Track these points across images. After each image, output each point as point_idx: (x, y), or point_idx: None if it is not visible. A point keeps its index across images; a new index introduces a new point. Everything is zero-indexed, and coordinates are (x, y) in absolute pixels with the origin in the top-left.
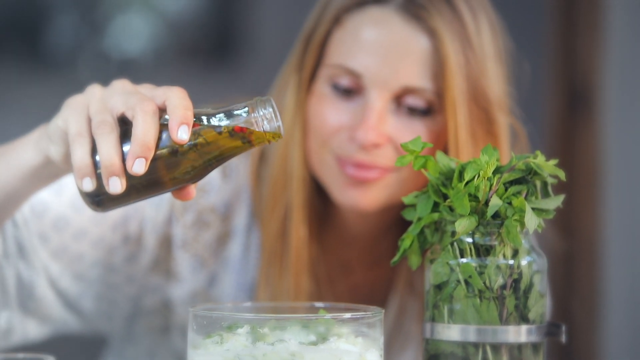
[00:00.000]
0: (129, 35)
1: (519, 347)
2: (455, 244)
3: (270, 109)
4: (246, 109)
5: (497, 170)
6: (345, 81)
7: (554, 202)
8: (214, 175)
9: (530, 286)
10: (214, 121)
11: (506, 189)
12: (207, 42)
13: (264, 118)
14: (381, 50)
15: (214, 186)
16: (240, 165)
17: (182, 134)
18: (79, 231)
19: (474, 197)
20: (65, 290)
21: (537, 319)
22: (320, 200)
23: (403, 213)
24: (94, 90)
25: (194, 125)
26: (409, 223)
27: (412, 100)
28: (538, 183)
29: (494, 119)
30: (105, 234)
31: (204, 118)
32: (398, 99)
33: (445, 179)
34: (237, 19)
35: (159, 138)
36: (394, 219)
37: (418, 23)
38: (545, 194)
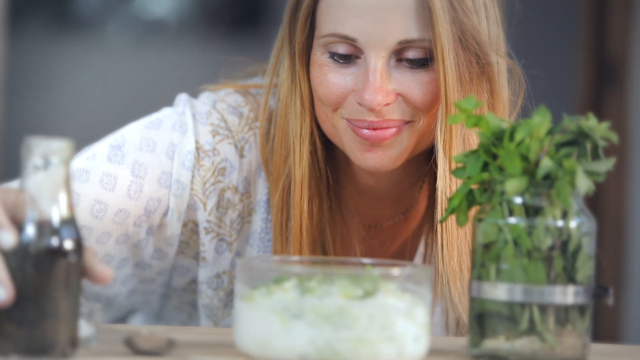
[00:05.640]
0: None
1: (566, 308)
2: (504, 204)
3: None
4: None
5: (549, 132)
6: (341, 48)
7: (605, 165)
8: (231, 155)
9: (578, 248)
10: None
11: (557, 150)
12: (232, 8)
13: None
14: (369, 10)
15: (233, 166)
16: (257, 141)
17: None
18: (102, 234)
19: (524, 158)
20: (98, 292)
21: (584, 281)
22: (340, 163)
23: (453, 172)
24: None
25: None
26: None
27: (411, 53)
28: (589, 145)
29: (486, 60)
30: (129, 230)
31: None
32: (397, 54)
33: (496, 139)
34: None
35: None
36: (419, 168)
37: None
38: (596, 157)
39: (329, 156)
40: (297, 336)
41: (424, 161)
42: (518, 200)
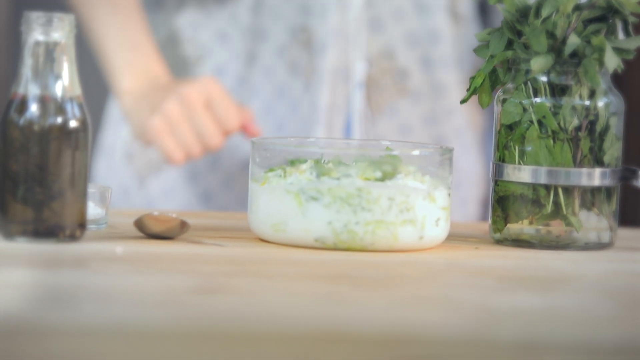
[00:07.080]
0: None
1: (592, 191)
2: (529, 83)
3: None
4: None
5: (577, 7)
6: None
7: (635, 42)
8: None
9: (606, 128)
10: None
11: (585, 27)
12: None
13: None
14: None
15: None
16: None
17: None
18: None
19: (550, 35)
20: None
21: (612, 163)
22: None
23: (475, 51)
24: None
25: None
26: None
27: None
28: (618, 22)
29: None
30: None
31: None
32: None
33: (521, 15)
34: None
35: None
36: None
37: None
38: (626, 34)
39: None
40: (313, 218)
41: None
42: (543, 79)
